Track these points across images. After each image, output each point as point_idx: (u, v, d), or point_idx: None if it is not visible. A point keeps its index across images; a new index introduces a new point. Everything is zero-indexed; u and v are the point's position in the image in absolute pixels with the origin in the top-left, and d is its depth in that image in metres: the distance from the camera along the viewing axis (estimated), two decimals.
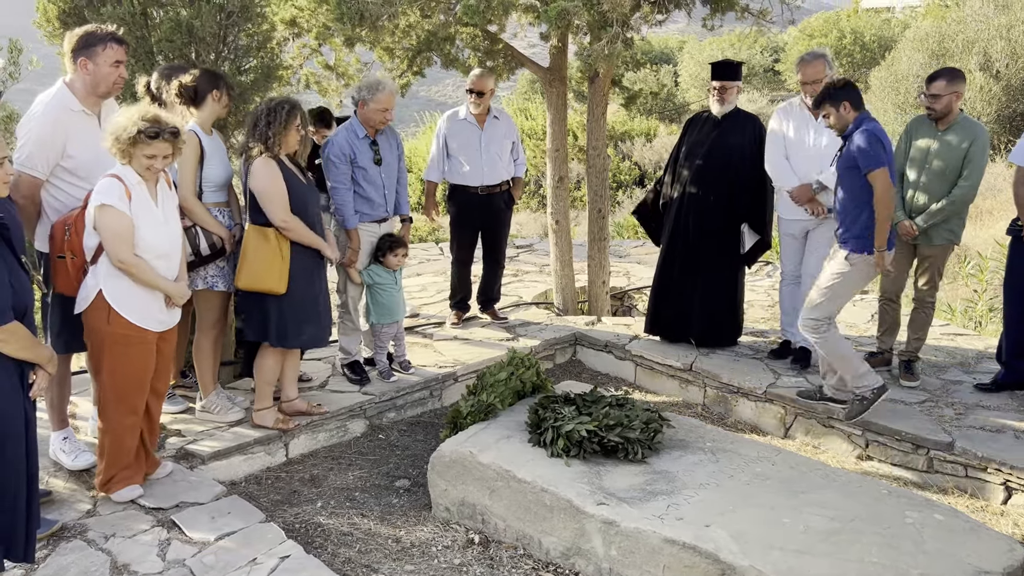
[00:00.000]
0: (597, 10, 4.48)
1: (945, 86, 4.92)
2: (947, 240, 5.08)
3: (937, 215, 4.97)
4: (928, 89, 5.00)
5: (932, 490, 4.44)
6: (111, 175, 3.57)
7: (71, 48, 3.96)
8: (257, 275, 4.27)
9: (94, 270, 3.62)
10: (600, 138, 6.58)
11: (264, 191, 4.25)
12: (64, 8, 4.76)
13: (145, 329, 3.71)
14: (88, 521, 3.71)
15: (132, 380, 3.73)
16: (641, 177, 17.88)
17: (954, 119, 4.98)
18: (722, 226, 5.63)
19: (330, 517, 4.07)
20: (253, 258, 4.28)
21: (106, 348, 3.64)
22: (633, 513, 3.51)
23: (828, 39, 25.19)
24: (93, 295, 3.60)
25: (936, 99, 4.95)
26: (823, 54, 5.35)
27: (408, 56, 6.01)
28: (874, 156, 4.41)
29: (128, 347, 3.67)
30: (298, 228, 4.35)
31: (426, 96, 40.54)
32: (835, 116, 4.60)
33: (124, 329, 3.64)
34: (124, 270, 3.59)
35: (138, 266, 3.60)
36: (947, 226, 5.04)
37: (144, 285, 3.66)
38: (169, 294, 3.78)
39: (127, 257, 3.56)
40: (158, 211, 3.71)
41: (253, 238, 4.30)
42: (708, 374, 5.53)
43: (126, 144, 3.53)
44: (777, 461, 4.01)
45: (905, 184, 5.12)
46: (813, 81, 5.25)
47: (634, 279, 8.21)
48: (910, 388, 5.18)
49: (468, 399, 4.48)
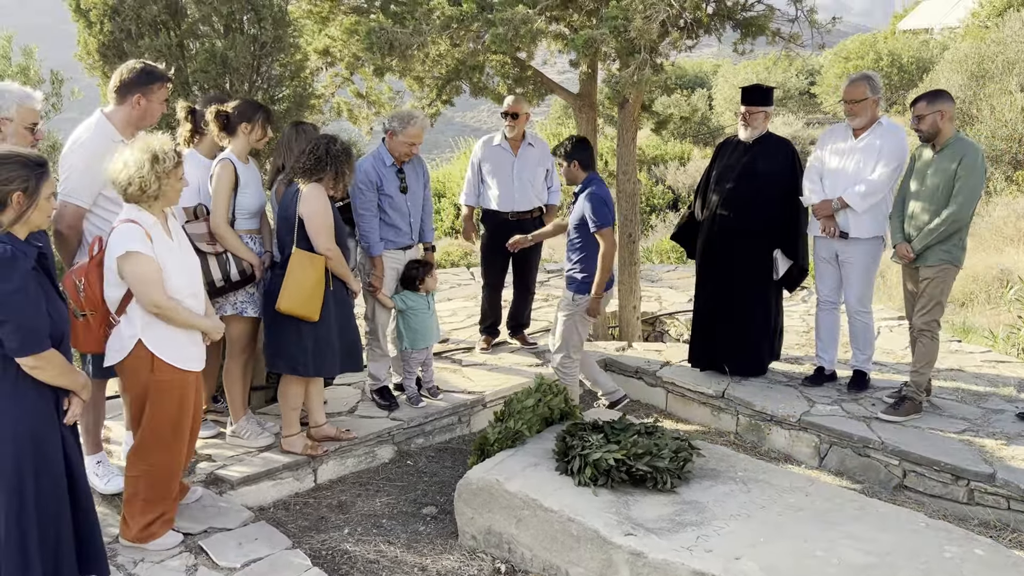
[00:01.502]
0: (624, 37, 4.50)
1: (926, 106, 4.87)
2: (943, 261, 4.91)
3: (928, 236, 4.87)
4: (912, 111, 4.96)
5: (973, 523, 4.32)
6: (126, 220, 3.47)
7: (125, 82, 4.00)
8: (301, 300, 4.28)
9: (127, 320, 3.50)
10: (630, 163, 6.57)
11: (315, 217, 4.30)
12: (103, 41, 4.89)
13: (188, 371, 3.64)
14: (117, 546, 3.74)
15: (178, 423, 3.65)
16: (675, 201, 17.81)
17: (946, 139, 4.88)
18: (753, 252, 5.56)
19: (356, 544, 4.06)
20: (301, 282, 4.28)
21: (150, 396, 3.54)
22: (661, 544, 3.45)
23: (864, 61, 24.97)
24: (131, 346, 3.50)
25: (920, 120, 4.89)
26: (868, 76, 5.30)
27: (438, 85, 6.07)
28: (601, 217, 4.96)
29: (173, 392, 3.59)
30: (338, 258, 4.41)
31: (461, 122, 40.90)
32: (565, 171, 5.13)
33: (169, 375, 3.56)
34: (160, 314, 3.49)
35: (174, 308, 3.51)
36: (942, 247, 4.89)
37: (181, 326, 3.58)
38: (206, 331, 3.72)
39: (162, 300, 3.47)
40: (175, 246, 3.64)
41: (301, 263, 4.31)
42: (741, 401, 5.45)
43: (164, 174, 3.44)
44: (811, 492, 3.93)
45: (904, 205, 5.05)
46: (852, 100, 5.22)
47: (666, 304, 8.14)
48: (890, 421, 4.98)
49: (495, 426, 4.46)
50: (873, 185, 5.14)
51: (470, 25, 4.98)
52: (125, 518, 3.72)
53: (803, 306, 8.00)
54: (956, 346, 6.58)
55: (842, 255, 5.38)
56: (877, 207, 5.23)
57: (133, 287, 3.45)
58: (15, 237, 2.83)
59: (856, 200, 5.16)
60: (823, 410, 5.18)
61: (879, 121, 5.25)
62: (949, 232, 4.84)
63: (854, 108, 5.21)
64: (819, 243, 5.49)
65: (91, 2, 4.89)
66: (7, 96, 3.62)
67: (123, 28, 4.91)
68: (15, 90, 3.68)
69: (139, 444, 3.64)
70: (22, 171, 2.82)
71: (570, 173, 5.12)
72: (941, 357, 6.16)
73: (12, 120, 3.59)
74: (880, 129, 5.23)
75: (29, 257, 2.83)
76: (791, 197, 5.50)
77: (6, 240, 2.79)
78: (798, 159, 5.60)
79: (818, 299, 5.64)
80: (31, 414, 2.91)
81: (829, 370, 5.63)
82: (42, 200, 2.89)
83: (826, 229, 5.31)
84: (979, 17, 24.45)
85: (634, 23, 4.39)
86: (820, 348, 5.66)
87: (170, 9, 4.96)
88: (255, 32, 5.07)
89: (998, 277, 9.72)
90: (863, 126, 5.24)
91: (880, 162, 5.15)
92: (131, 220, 3.47)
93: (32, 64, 6.70)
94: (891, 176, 5.17)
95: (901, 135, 5.25)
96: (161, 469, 3.68)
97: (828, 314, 5.58)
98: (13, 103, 3.61)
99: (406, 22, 5.04)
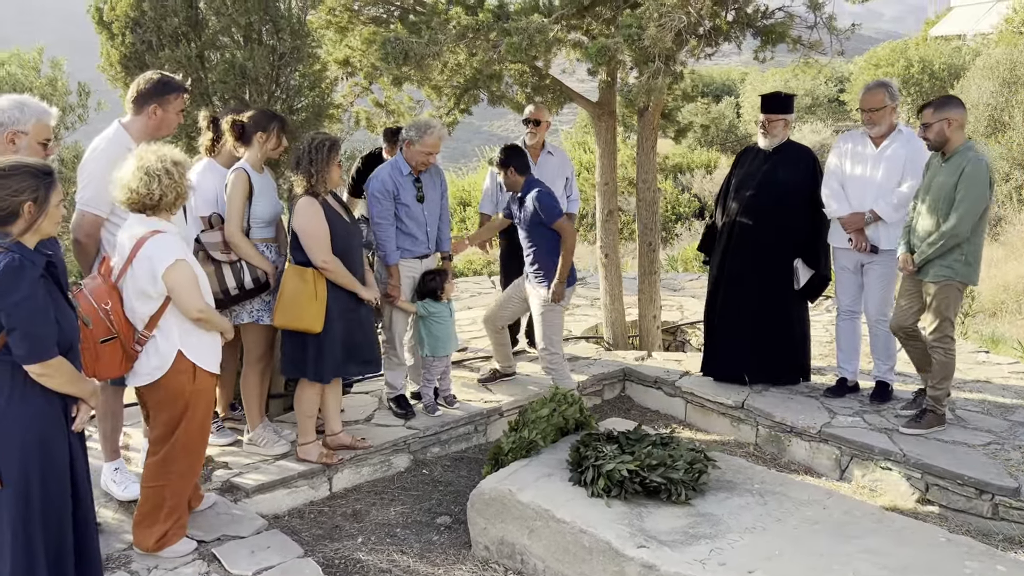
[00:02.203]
0: (639, 46, 4.47)
1: (932, 113, 4.67)
2: (944, 277, 4.68)
3: (928, 250, 4.68)
4: (919, 118, 4.79)
5: (997, 538, 4.21)
6: (155, 231, 3.48)
7: (142, 92, 4.06)
8: (293, 315, 4.31)
9: (163, 334, 3.51)
10: (650, 171, 6.54)
11: (306, 231, 4.30)
12: (125, 53, 4.95)
13: (215, 375, 3.72)
14: (132, 552, 3.77)
15: (204, 429, 3.73)
16: (701, 209, 17.71)
17: (955, 148, 4.69)
18: (773, 261, 5.49)
19: (370, 553, 4.06)
20: (291, 298, 4.30)
21: (190, 407, 3.57)
22: (674, 557, 3.41)
23: (895, 68, 24.64)
24: (171, 358, 3.50)
25: (927, 128, 4.69)
26: (885, 83, 5.22)
27: (456, 94, 6.08)
28: (551, 210, 5.16)
29: (208, 399, 3.66)
30: (338, 269, 4.37)
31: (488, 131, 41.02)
32: (504, 178, 5.28)
33: (205, 383, 3.61)
34: (202, 319, 3.53)
35: (212, 311, 3.58)
36: (943, 262, 4.67)
37: (214, 329, 3.63)
38: (224, 330, 3.77)
39: (203, 305, 3.53)
40: (190, 251, 3.71)
41: (291, 278, 4.33)
42: (760, 412, 5.38)
43: (183, 178, 3.50)
44: (828, 504, 3.86)
45: (913, 215, 4.89)
46: (870, 109, 5.14)
47: (687, 313, 8.08)
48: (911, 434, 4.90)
49: (510, 435, 4.44)
50: (903, 197, 5.06)
51: (486, 34, 4.99)
52: (141, 527, 3.73)
53: (827, 316, 7.90)
54: (984, 357, 6.46)
55: (865, 264, 5.30)
56: (903, 219, 5.15)
57: (179, 295, 3.46)
58: (23, 246, 2.87)
59: (890, 213, 5.08)
60: (844, 421, 5.10)
61: (899, 129, 5.18)
62: (948, 247, 4.62)
63: (873, 116, 5.13)
64: (841, 253, 5.41)
65: (113, 14, 4.96)
66: (26, 110, 3.66)
67: (144, 40, 4.97)
68: (34, 105, 3.73)
69: (168, 454, 3.63)
70: (32, 181, 2.86)
71: (508, 179, 5.27)
72: (967, 368, 6.06)
73: (27, 134, 3.63)
74: (902, 137, 5.16)
75: (37, 265, 2.86)
76: (812, 206, 5.43)
77: (14, 249, 2.83)
78: (819, 167, 5.53)
79: (839, 308, 5.56)
80: (39, 420, 2.94)
81: (852, 381, 5.55)
82: (52, 208, 2.92)
83: (858, 245, 5.19)
84: (1013, 23, 24.05)
85: (648, 31, 4.37)
86: (842, 359, 5.58)
87: (190, 21, 5.01)
88: (274, 43, 5.11)
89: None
90: (883, 134, 5.17)
91: (908, 173, 5.06)
92: (159, 231, 3.49)
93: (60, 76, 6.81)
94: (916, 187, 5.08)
95: (921, 143, 5.17)
96: (187, 476, 3.73)
97: (849, 324, 5.50)
98: (32, 117, 3.66)
99: (422, 32, 5.05)
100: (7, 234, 2.85)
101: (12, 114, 3.61)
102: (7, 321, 2.79)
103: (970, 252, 4.69)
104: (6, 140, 3.58)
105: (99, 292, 3.48)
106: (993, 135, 15.65)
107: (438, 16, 5.27)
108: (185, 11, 4.99)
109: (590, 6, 5.07)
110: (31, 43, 8.42)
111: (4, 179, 2.82)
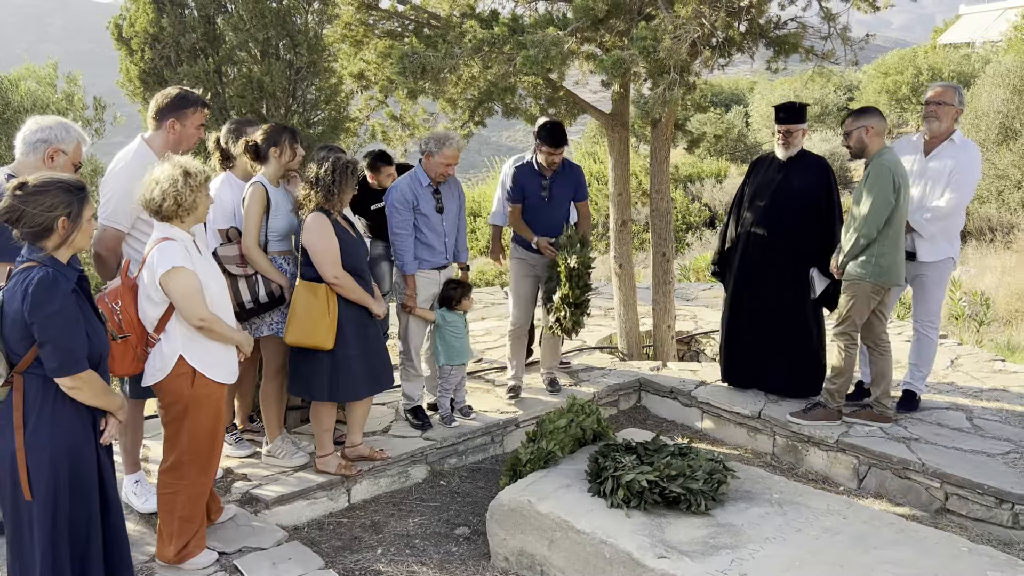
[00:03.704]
0: (653, 58, 4.50)
1: (852, 122, 4.96)
2: (855, 277, 4.95)
3: (844, 253, 4.99)
4: (842, 127, 5.05)
5: (1018, 548, 4.20)
6: (163, 239, 3.51)
7: (161, 107, 4.13)
8: (306, 331, 4.30)
9: (167, 338, 3.54)
10: (663, 181, 6.55)
11: (316, 247, 4.30)
12: (144, 68, 5.02)
13: (224, 384, 3.71)
14: (154, 564, 3.79)
15: (213, 437, 3.72)
16: (711, 219, 17.71)
17: (871, 154, 4.93)
18: (789, 270, 5.50)
19: (389, 565, 4.07)
20: (303, 314, 4.30)
21: (189, 411, 3.59)
22: (695, 568, 3.41)
23: (904, 76, 24.65)
24: (172, 363, 3.54)
25: (848, 136, 4.99)
26: (957, 88, 5.27)
27: (470, 106, 6.12)
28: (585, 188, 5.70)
29: (210, 406, 3.65)
30: (349, 285, 4.37)
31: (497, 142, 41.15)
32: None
33: (207, 389, 3.62)
34: (203, 327, 3.55)
35: (215, 321, 3.58)
36: (855, 263, 4.94)
37: (220, 340, 3.65)
38: (240, 344, 3.79)
39: (205, 314, 3.53)
40: (207, 261, 3.71)
41: (303, 294, 4.32)
42: (777, 422, 5.37)
43: (198, 189, 3.52)
44: (848, 515, 3.85)
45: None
46: (937, 101, 5.18)
47: (701, 323, 8.08)
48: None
49: (528, 446, 4.45)
50: (940, 211, 5.09)
51: (502, 47, 5.02)
52: (163, 538, 3.76)
53: None
54: (1000, 365, 6.43)
55: (912, 273, 5.30)
56: (947, 229, 5.16)
57: (177, 302, 3.49)
58: (57, 260, 2.91)
59: (923, 226, 5.12)
60: (861, 431, 5.09)
61: (952, 138, 5.16)
62: (858, 247, 4.90)
63: (937, 110, 5.14)
64: None
65: (132, 31, 5.03)
66: (71, 132, 3.84)
67: (163, 55, 5.04)
68: (77, 129, 3.93)
69: (176, 461, 3.67)
70: (65, 196, 2.90)
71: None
72: (984, 377, 6.05)
73: (67, 154, 3.77)
74: (952, 148, 5.15)
75: (70, 280, 2.90)
76: (827, 214, 5.43)
77: (48, 263, 2.87)
78: (833, 175, 5.53)
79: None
80: (69, 433, 2.97)
81: (867, 384, 5.52)
82: (84, 223, 2.96)
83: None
84: (1022, 30, 24.03)
85: (663, 44, 4.40)
86: (863, 363, 5.55)
87: (208, 36, 5.08)
88: (291, 57, 5.17)
89: None
90: (939, 135, 5.16)
91: (950, 186, 5.07)
92: (167, 238, 3.52)
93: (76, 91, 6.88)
94: (960, 201, 5.10)
95: (974, 153, 5.17)
96: (197, 484, 3.73)
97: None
98: (75, 140, 3.85)
99: (438, 46, 5.09)
100: (41, 249, 2.89)
101: (58, 133, 3.77)
102: (40, 334, 2.82)
103: (880, 254, 4.88)
104: (47, 156, 3.69)
105: (112, 292, 3.55)
106: (1004, 143, 15.60)
107: (453, 30, 5.31)
108: (203, 27, 5.06)
109: (604, 19, 5.10)
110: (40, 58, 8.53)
111: (38, 195, 2.86)
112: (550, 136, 5.41)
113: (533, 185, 5.60)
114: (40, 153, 3.72)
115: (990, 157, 15.32)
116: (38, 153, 3.72)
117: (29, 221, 2.86)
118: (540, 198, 5.61)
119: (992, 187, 15.23)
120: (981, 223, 14.29)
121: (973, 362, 6.52)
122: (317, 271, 4.33)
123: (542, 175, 5.60)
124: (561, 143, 5.43)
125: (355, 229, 4.62)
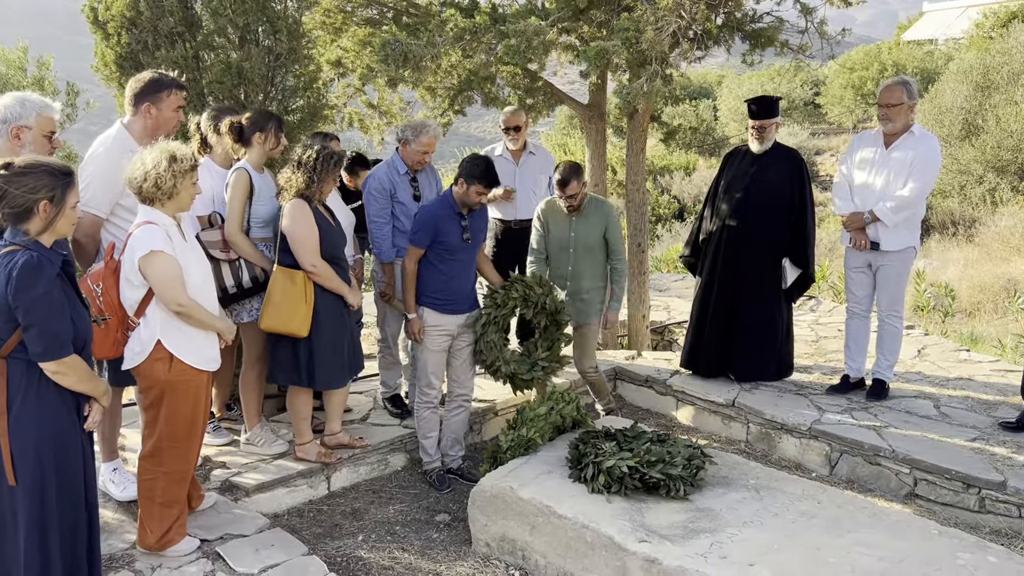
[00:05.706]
0: (635, 49, 4.54)
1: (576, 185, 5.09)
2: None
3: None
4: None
5: (984, 531, 4.33)
6: (145, 222, 3.50)
7: (136, 92, 4.07)
8: (282, 318, 4.28)
9: (146, 322, 3.53)
10: (639, 173, 6.61)
11: (295, 234, 4.28)
12: (120, 53, 4.95)
13: (202, 371, 3.68)
14: (135, 552, 3.77)
15: (192, 424, 3.69)
16: (680, 211, 17.87)
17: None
18: (762, 261, 5.60)
19: (371, 551, 4.09)
20: (280, 301, 4.28)
21: (166, 397, 3.57)
22: (675, 551, 3.47)
23: (869, 72, 25.03)
24: (150, 347, 3.52)
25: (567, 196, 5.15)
26: (905, 81, 5.28)
27: (450, 95, 6.12)
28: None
29: (188, 392, 3.62)
30: (326, 273, 4.36)
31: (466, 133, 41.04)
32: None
33: (184, 375, 3.59)
34: (181, 313, 3.52)
35: (194, 307, 3.55)
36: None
37: (199, 327, 3.62)
38: (221, 332, 3.76)
39: (184, 299, 3.51)
40: (191, 247, 3.68)
41: (280, 280, 4.31)
42: (751, 410, 5.47)
43: (180, 174, 3.49)
44: (823, 499, 3.95)
45: None
46: (887, 104, 5.22)
47: (674, 313, 8.17)
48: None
49: (508, 433, 4.49)
50: (903, 200, 5.16)
51: (483, 37, 5.03)
52: (143, 525, 3.73)
53: (811, 315, 8.03)
54: (965, 355, 6.60)
55: (875, 263, 5.41)
56: (909, 219, 5.27)
57: (155, 287, 3.47)
58: (41, 244, 2.88)
59: (887, 215, 5.19)
60: (833, 419, 5.20)
61: (911, 130, 5.25)
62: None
63: (889, 113, 5.20)
64: (850, 254, 5.52)
65: (108, 14, 4.95)
66: (27, 105, 3.69)
67: (140, 40, 4.97)
68: (34, 99, 3.75)
69: (154, 447, 3.66)
70: (49, 180, 2.87)
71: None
72: (949, 367, 6.21)
73: (31, 128, 3.65)
74: (912, 140, 5.23)
75: (54, 264, 2.87)
76: (799, 206, 5.53)
77: (32, 247, 2.84)
78: (805, 168, 5.63)
79: (848, 308, 5.66)
80: (54, 419, 2.94)
81: (855, 378, 5.65)
82: (68, 208, 2.93)
83: (856, 243, 5.34)
84: (983, 28, 24.51)
85: (645, 35, 4.44)
86: (848, 356, 5.68)
87: (186, 21, 5.01)
88: (270, 44, 5.12)
89: (1005, 287, 9.75)
90: (896, 132, 5.25)
91: (912, 176, 5.16)
92: (149, 222, 3.50)
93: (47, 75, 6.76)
94: (922, 190, 5.19)
95: (933, 143, 5.26)
96: (176, 471, 3.71)
97: (860, 322, 5.60)
98: (33, 112, 3.67)
99: (420, 34, 5.09)
100: (24, 233, 2.86)
101: (14, 110, 3.64)
102: (24, 318, 2.79)
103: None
104: (11, 136, 3.60)
105: (96, 274, 3.53)
106: (967, 139, 15.93)
107: (433, 18, 5.31)
108: (181, 11, 4.99)
109: (585, 9, 5.13)
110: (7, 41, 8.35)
111: (21, 176, 2.83)
112: (485, 175, 4.59)
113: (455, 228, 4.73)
114: (3, 135, 3.64)
115: (953, 153, 15.64)
116: (2, 136, 3.64)
117: (11, 202, 2.83)
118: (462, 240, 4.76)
119: (955, 182, 15.55)
120: (944, 217, 14.60)
121: (939, 352, 6.68)
122: (294, 258, 4.33)
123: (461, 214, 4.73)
124: (495, 184, 4.69)
125: (335, 217, 4.61)
